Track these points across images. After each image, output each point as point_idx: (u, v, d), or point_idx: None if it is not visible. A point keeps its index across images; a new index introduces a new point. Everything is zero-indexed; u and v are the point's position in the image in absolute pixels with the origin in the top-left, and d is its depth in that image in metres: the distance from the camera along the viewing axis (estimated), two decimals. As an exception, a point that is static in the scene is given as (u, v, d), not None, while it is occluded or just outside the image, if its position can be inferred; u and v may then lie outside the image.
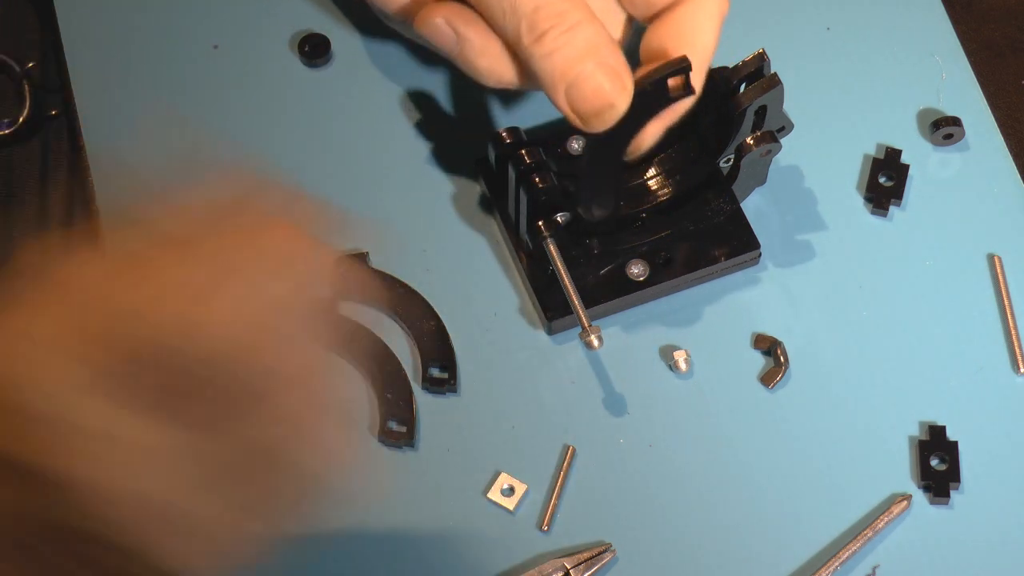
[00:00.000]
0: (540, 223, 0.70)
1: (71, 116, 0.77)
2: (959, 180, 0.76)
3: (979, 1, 0.82)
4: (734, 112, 0.69)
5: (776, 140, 0.71)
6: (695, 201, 0.74)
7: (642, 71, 0.67)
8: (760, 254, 0.74)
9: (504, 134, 0.71)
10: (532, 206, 0.69)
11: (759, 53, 0.68)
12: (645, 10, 0.70)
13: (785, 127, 0.71)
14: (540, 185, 0.69)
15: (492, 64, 0.69)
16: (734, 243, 0.73)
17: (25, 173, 0.80)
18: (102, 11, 0.80)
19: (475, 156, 0.75)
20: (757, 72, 0.68)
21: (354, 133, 0.77)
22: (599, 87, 0.66)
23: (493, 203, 0.75)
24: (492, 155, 0.72)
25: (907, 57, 0.79)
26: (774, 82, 0.68)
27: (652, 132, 0.70)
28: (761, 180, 0.75)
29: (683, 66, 0.66)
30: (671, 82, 0.66)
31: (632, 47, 0.69)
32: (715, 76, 0.69)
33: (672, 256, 0.73)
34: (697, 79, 0.67)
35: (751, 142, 0.70)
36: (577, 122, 0.67)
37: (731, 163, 0.72)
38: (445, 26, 0.69)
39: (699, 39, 0.69)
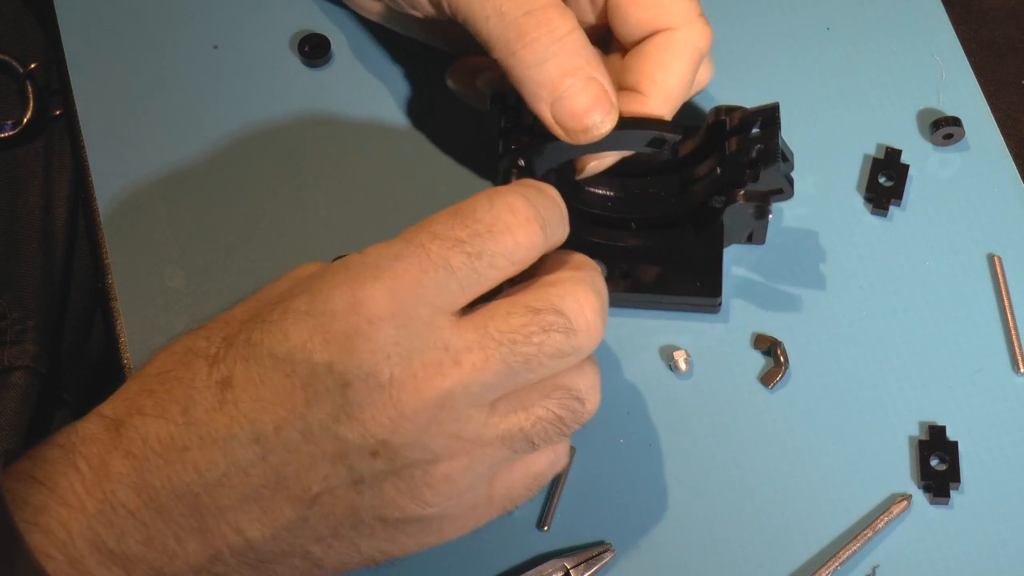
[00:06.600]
0: (512, 147, 0.67)
1: (71, 116, 0.77)
2: (959, 180, 0.76)
3: (979, 1, 0.82)
4: (725, 155, 0.68)
5: (766, 202, 0.68)
6: (681, 229, 0.72)
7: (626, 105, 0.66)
8: (720, 304, 0.72)
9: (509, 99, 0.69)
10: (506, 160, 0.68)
11: (772, 105, 0.67)
12: (629, 36, 0.68)
13: (783, 191, 0.69)
14: (513, 146, 0.67)
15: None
16: (696, 284, 0.72)
17: (29, 173, 0.80)
18: (102, 12, 0.80)
19: (475, 154, 0.75)
20: (768, 121, 0.67)
21: (354, 133, 0.77)
22: (587, 105, 0.64)
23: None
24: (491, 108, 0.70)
25: (907, 57, 0.79)
26: (767, 136, 0.66)
27: (608, 161, 0.69)
28: (758, 239, 0.73)
29: (676, 131, 0.66)
30: (656, 137, 0.66)
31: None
32: (720, 115, 0.68)
33: (631, 270, 0.72)
34: (664, 112, 0.67)
35: (741, 195, 0.68)
36: (560, 133, 0.65)
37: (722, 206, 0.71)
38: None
39: (669, 77, 0.67)
